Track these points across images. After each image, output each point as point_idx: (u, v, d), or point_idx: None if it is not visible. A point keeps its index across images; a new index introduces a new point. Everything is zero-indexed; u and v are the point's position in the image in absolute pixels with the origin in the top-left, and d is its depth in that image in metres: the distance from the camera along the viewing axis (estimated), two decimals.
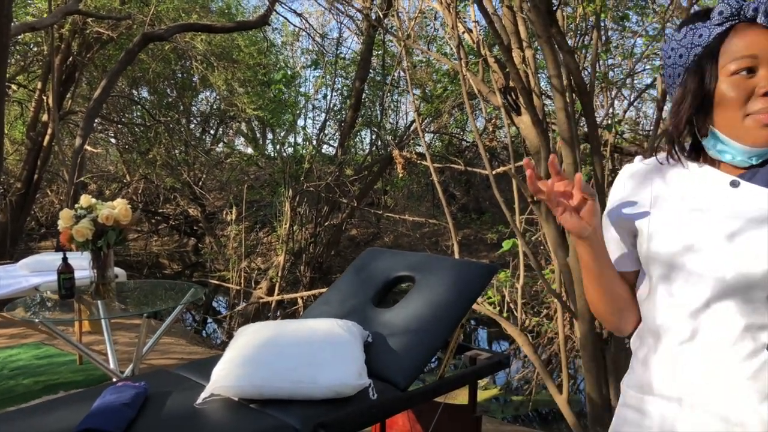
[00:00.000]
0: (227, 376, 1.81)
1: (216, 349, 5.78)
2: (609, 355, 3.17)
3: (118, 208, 2.96)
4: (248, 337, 1.95)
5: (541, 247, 5.01)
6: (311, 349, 1.84)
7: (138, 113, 12.03)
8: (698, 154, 1.11)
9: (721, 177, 1.04)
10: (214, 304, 9.91)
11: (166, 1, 8.69)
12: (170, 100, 11.86)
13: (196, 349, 5.20)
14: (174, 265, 12.11)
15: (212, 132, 13.89)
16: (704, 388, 1.01)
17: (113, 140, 13.30)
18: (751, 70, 0.98)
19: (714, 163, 1.08)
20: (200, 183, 11.70)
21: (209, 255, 10.47)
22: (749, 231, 0.98)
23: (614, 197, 1.18)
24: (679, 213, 1.07)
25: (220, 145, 13.79)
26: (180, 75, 11.53)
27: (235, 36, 9.71)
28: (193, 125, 12.79)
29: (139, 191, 12.79)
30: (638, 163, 1.18)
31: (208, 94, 12.59)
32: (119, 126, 12.04)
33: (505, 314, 4.97)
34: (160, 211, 13.09)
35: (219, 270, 9.20)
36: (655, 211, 1.10)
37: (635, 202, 1.14)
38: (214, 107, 12.82)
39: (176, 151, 11.27)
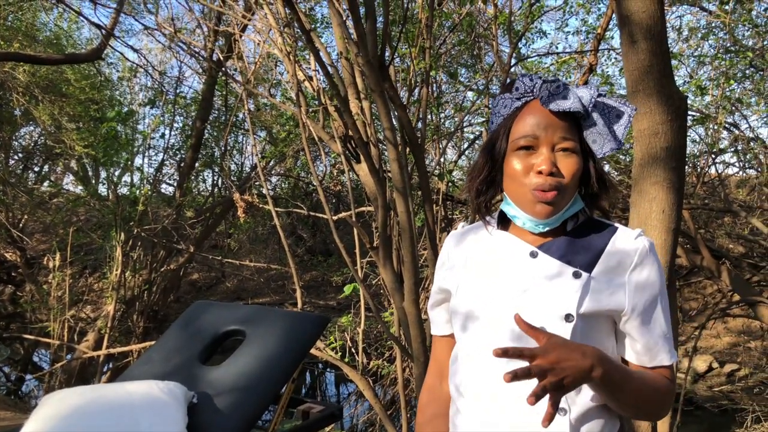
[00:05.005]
0: None
1: (31, 412, 5.17)
2: None
3: None
4: (52, 407, 1.75)
5: (382, 290, 5.11)
6: (125, 416, 1.69)
7: None
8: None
9: (522, 246, 1.11)
10: (36, 358, 8.96)
11: None
12: None
13: (4, 415, 4.62)
14: None
15: (36, 169, 12.72)
16: None
17: None
18: (533, 148, 1.06)
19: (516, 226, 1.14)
20: (20, 225, 10.61)
21: (29, 304, 9.50)
22: (536, 289, 1.07)
23: (438, 264, 1.24)
24: (482, 273, 1.13)
25: (46, 183, 12.66)
26: None
27: (64, 68, 9.05)
28: (13, 162, 11.61)
29: None
30: (460, 229, 1.24)
31: (32, 128, 11.54)
32: None
33: (347, 358, 4.97)
34: None
35: (41, 321, 8.33)
36: (465, 271, 1.16)
37: (452, 266, 1.19)
38: (39, 143, 11.77)
39: None
